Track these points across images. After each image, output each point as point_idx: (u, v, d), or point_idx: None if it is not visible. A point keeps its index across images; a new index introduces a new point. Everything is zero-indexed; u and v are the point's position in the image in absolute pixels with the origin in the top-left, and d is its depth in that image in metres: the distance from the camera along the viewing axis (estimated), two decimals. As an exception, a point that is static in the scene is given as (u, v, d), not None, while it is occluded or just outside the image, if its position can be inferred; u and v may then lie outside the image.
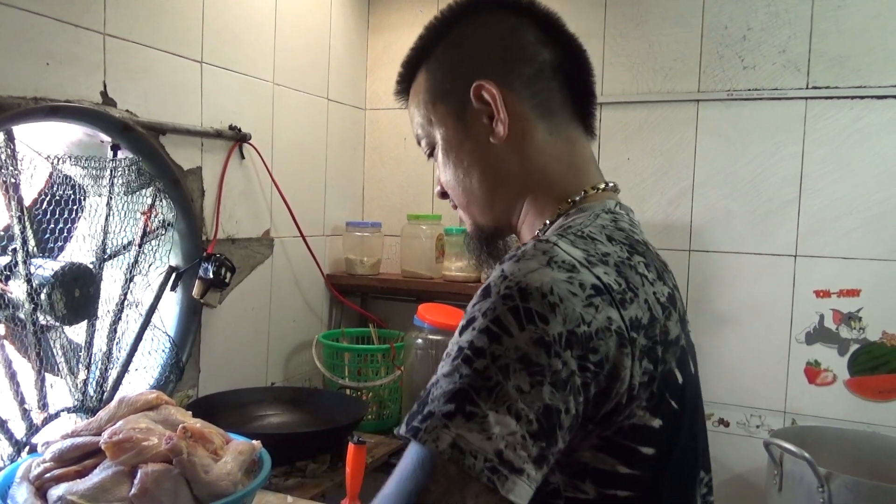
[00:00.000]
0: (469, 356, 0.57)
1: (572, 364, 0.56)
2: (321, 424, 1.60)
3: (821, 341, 1.74)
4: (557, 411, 0.56)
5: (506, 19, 0.79)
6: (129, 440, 0.98)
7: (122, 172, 1.38)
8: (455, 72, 0.79)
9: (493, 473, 0.53)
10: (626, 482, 0.62)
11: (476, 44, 0.79)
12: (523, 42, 0.78)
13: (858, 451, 1.61)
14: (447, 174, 0.82)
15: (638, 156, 1.91)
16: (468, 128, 0.78)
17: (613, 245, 0.67)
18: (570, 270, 0.60)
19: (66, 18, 1.22)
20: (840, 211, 1.70)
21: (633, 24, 1.89)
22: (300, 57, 1.91)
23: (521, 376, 0.55)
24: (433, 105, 0.81)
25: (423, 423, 0.55)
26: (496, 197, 0.80)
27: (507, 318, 0.57)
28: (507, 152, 0.77)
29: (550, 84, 0.78)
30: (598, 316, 0.59)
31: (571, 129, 0.80)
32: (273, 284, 1.85)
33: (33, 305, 1.19)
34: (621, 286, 0.62)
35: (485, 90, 0.75)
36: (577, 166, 0.79)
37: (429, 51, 0.82)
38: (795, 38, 1.73)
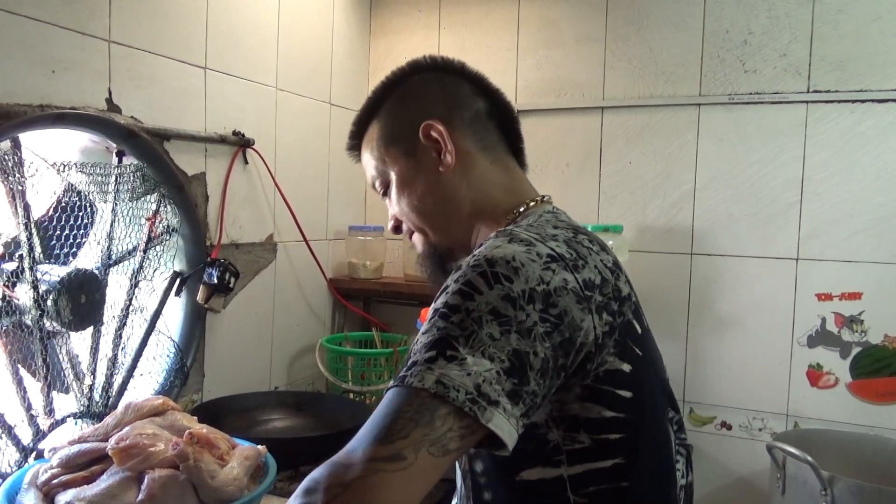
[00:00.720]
0: (445, 313, 0.66)
1: (534, 316, 0.66)
2: (325, 429, 1.61)
3: (823, 344, 1.74)
4: (526, 353, 0.64)
5: (443, 76, 0.94)
6: (135, 446, 0.99)
7: (127, 179, 1.39)
8: (404, 117, 0.91)
9: (474, 404, 0.60)
10: (614, 425, 0.72)
11: (420, 94, 0.92)
12: (460, 93, 0.92)
13: (861, 455, 1.62)
14: (402, 205, 0.92)
15: (639, 160, 1.91)
16: (419, 163, 0.89)
17: (559, 229, 0.79)
18: (528, 244, 0.72)
19: (71, 26, 1.23)
20: (841, 214, 1.71)
21: (634, 28, 1.90)
22: (303, 62, 1.92)
23: (493, 326, 0.64)
24: (386, 148, 0.92)
25: (409, 370, 0.63)
26: (450, 218, 0.90)
27: (477, 280, 0.67)
28: (456, 179, 0.89)
29: (487, 125, 0.92)
30: (554, 277, 0.69)
31: (508, 160, 0.94)
32: (276, 289, 1.85)
33: (40, 311, 1.20)
34: (572, 255, 0.74)
35: (432, 128, 0.88)
36: (516, 188, 0.91)
37: (377, 108, 0.95)
38: (796, 42, 1.73)
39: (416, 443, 0.59)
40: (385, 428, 0.60)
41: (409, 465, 0.58)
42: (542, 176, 2.02)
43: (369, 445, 0.59)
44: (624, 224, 1.89)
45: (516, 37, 2.05)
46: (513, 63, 2.05)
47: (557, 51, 1.99)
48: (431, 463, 0.59)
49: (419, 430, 0.59)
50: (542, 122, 2.02)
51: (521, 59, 2.04)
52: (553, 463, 0.72)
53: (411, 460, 0.58)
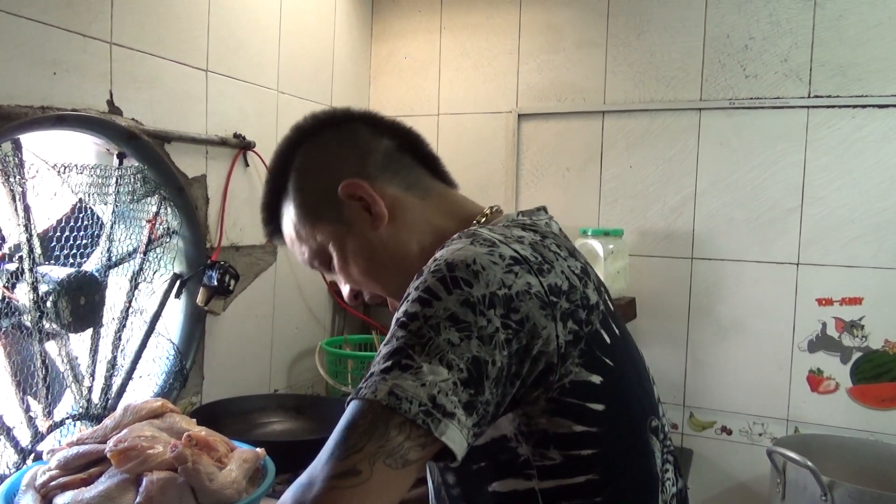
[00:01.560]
0: (404, 321, 0.64)
1: (496, 321, 0.63)
2: (324, 432, 1.59)
3: (823, 349, 1.74)
4: (485, 362, 0.62)
5: (335, 130, 0.87)
6: (134, 448, 0.98)
7: (128, 180, 1.39)
8: (316, 188, 0.85)
9: (427, 416, 0.58)
10: (586, 440, 0.68)
11: (322, 157, 0.86)
12: (361, 139, 0.86)
13: (861, 460, 1.61)
14: (353, 275, 0.86)
15: (640, 164, 1.91)
16: (352, 227, 0.83)
17: (526, 232, 0.76)
18: (490, 246, 0.69)
19: (73, 28, 1.23)
20: (842, 219, 1.71)
21: (635, 33, 1.90)
22: (304, 65, 1.92)
23: (451, 332, 0.62)
24: (312, 226, 0.85)
25: (365, 382, 0.62)
26: (404, 269, 0.82)
27: (436, 286, 0.64)
28: (395, 229, 0.83)
29: (402, 162, 0.87)
30: (517, 281, 0.66)
31: (437, 187, 0.88)
32: (276, 291, 1.85)
33: (39, 313, 1.19)
34: (537, 259, 0.70)
35: (353, 186, 0.82)
36: (458, 211, 0.87)
37: (282, 188, 0.87)
38: (797, 48, 1.74)
39: (371, 455, 0.57)
40: (340, 444, 0.59)
41: (364, 479, 0.57)
42: (543, 180, 2.02)
43: (326, 463, 0.59)
44: (624, 228, 1.89)
45: (517, 41, 2.05)
46: (514, 67, 2.05)
47: (558, 55, 2.00)
48: (389, 475, 0.58)
49: (373, 443, 0.58)
50: (542, 126, 2.02)
51: (522, 63, 2.05)
52: (524, 476, 0.70)
53: (366, 474, 0.57)
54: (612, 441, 0.70)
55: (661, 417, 0.80)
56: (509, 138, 2.04)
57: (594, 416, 0.68)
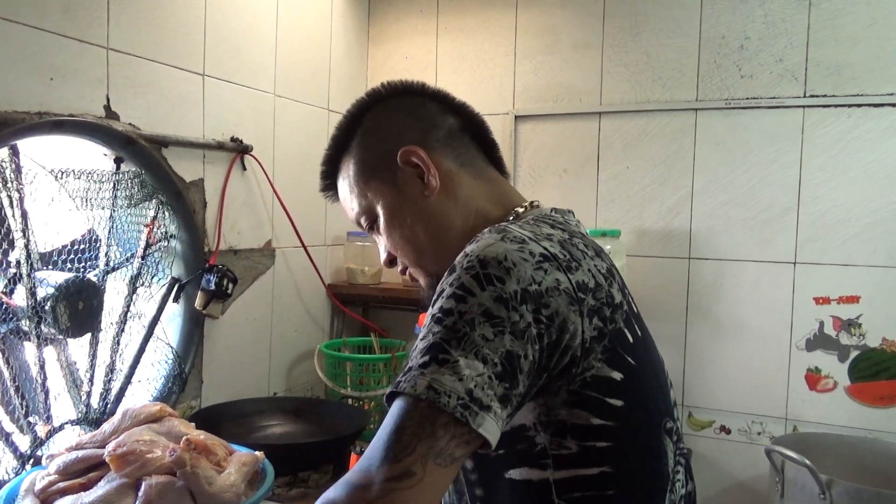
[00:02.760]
0: (440, 317, 0.66)
1: (528, 316, 0.66)
2: (324, 434, 1.61)
3: (821, 348, 1.75)
4: (518, 356, 0.64)
5: (407, 100, 0.92)
6: (132, 452, 0.99)
7: (125, 185, 1.39)
8: (378, 148, 0.89)
9: (465, 409, 0.61)
10: (602, 433, 0.71)
11: (389, 122, 0.90)
12: (429, 113, 0.91)
13: (860, 458, 1.61)
14: (394, 237, 0.90)
15: (637, 164, 1.92)
16: (403, 191, 0.87)
17: (555, 230, 0.78)
18: (521, 242, 0.71)
19: (69, 33, 1.24)
20: (839, 218, 1.71)
21: (631, 34, 1.90)
22: (301, 68, 1.92)
23: (486, 327, 0.64)
24: (366, 182, 0.90)
25: (404, 377, 0.64)
26: (444, 243, 0.87)
27: (469, 283, 0.67)
28: (443, 201, 0.87)
29: (462, 141, 0.91)
30: (546, 277, 0.69)
31: (490, 172, 0.92)
32: (275, 295, 1.85)
33: (37, 318, 1.20)
34: (566, 256, 0.73)
35: (411, 153, 0.86)
36: (503, 198, 0.90)
37: (346, 144, 0.92)
38: (792, 48, 1.74)
39: (423, 457, 0.60)
40: (392, 446, 0.61)
41: (419, 479, 0.60)
42: (540, 181, 2.03)
43: (381, 465, 0.61)
44: (622, 229, 1.89)
45: (514, 43, 2.06)
46: (510, 69, 2.06)
47: (555, 57, 2.00)
48: (440, 473, 0.61)
49: (423, 444, 0.61)
50: (539, 127, 2.03)
51: (518, 64, 2.05)
52: (540, 465, 0.72)
53: (420, 475, 0.60)
54: (627, 436, 0.72)
55: (675, 420, 0.81)
56: (506, 140, 2.04)
57: (612, 410, 0.71)
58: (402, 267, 0.94)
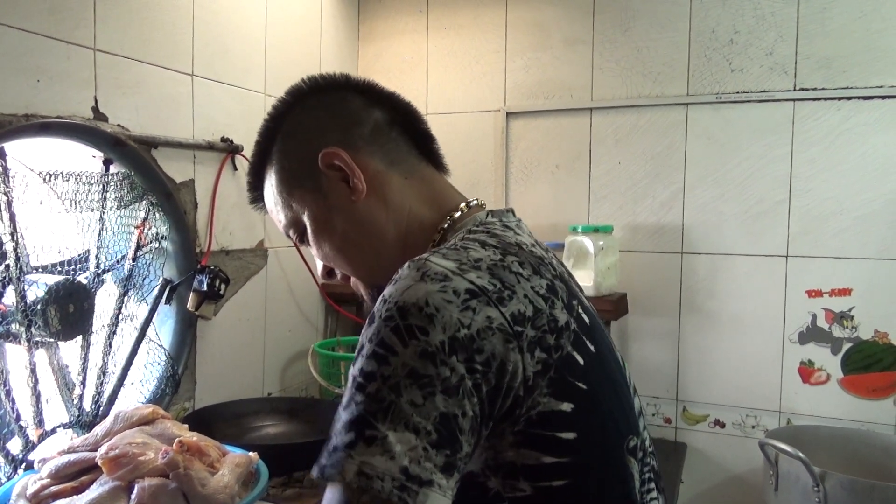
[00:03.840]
0: (361, 383, 0.59)
1: (460, 368, 0.58)
2: (318, 434, 1.60)
3: (814, 341, 1.75)
4: (454, 416, 0.58)
5: (328, 96, 0.84)
6: (125, 455, 0.98)
7: (115, 187, 1.38)
8: (299, 153, 0.82)
9: (403, 491, 0.54)
10: (556, 471, 0.64)
11: (309, 123, 0.82)
12: (352, 109, 0.83)
13: (853, 450, 1.62)
14: (324, 249, 0.84)
15: (629, 160, 1.92)
16: (328, 198, 0.81)
17: (486, 250, 0.69)
18: (442, 280, 0.62)
19: (56, 35, 1.23)
20: (830, 211, 1.72)
21: (621, 30, 1.90)
22: (291, 67, 1.92)
23: (413, 391, 0.57)
24: (289, 192, 0.83)
25: (329, 459, 0.57)
26: (378, 252, 0.81)
27: (390, 339, 0.59)
28: (372, 206, 0.80)
29: (390, 136, 0.83)
30: (476, 317, 0.61)
31: (423, 169, 0.85)
32: (268, 295, 1.85)
33: (28, 321, 1.19)
34: (496, 286, 0.64)
35: (333, 156, 0.79)
36: (437, 199, 0.83)
37: (267, 151, 0.85)
38: (782, 41, 1.74)
39: None
40: None
41: None
42: (532, 178, 2.03)
43: None
44: (614, 224, 1.90)
45: (504, 39, 2.05)
46: (501, 66, 2.06)
47: (545, 53, 2.00)
48: None
49: None
50: (531, 124, 2.02)
51: (509, 61, 2.05)
52: None
53: None
54: (584, 470, 0.66)
55: (641, 433, 0.76)
56: (498, 137, 2.04)
57: (565, 445, 0.64)
58: (343, 277, 0.88)
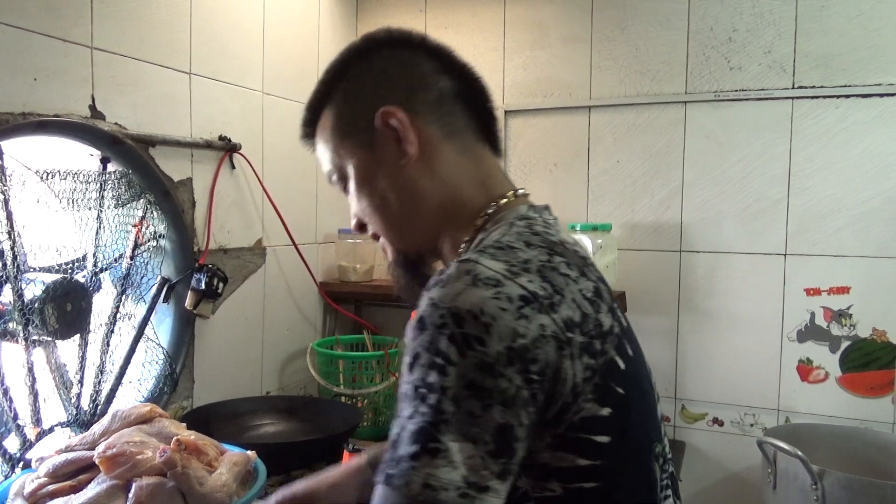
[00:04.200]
0: (423, 393, 0.59)
1: (517, 379, 0.59)
2: (316, 433, 1.60)
3: (812, 339, 1.75)
4: (510, 427, 0.59)
5: (401, 53, 0.83)
6: (123, 454, 0.98)
7: (112, 185, 1.38)
8: (359, 104, 0.81)
9: (464, 498, 0.56)
10: (588, 473, 0.65)
11: (376, 76, 0.81)
12: (421, 72, 0.81)
13: (852, 448, 1.62)
14: (363, 203, 0.83)
15: (627, 158, 1.92)
16: (378, 154, 0.79)
17: (532, 250, 0.69)
18: (495, 286, 0.62)
19: (53, 33, 1.23)
20: (828, 209, 1.72)
21: (619, 28, 1.90)
22: (289, 66, 1.91)
23: (472, 402, 0.58)
24: (341, 139, 0.82)
25: (395, 468, 0.58)
26: (414, 218, 0.81)
27: (447, 348, 0.59)
28: (420, 172, 0.79)
29: (453, 108, 0.81)
30: (530, 326, 0.61)
31: (478, 148, 0.83)
32: (266, 293, 1.85)
33: (25, 320, 1.19)
34: (547, 291, 0.64)
35: (391, 115, 0.77)
36: (486, 182, 0.82)
37: (330, 92, 0.84)
38: (780, 39, 1.74)
39: None
40: None
41: None
42: (531, 176, 2.02)
43: None
44: (613, 222, 1.89)
45: (503, 38, 2.05)
46: (500, 64, 2.05)
47: (544, 51, 2.00)
48: None
49: None
50: (529, 122, 2.02)
51: (507, 59, 2.05)
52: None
53: None
54: (616, 474, 0.67)
55: (663, 438, 0.77)
56: (496, 135, 2.04)
57: (599, 449, 0.65)
58: (372, 233, 0.87)
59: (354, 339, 2.05)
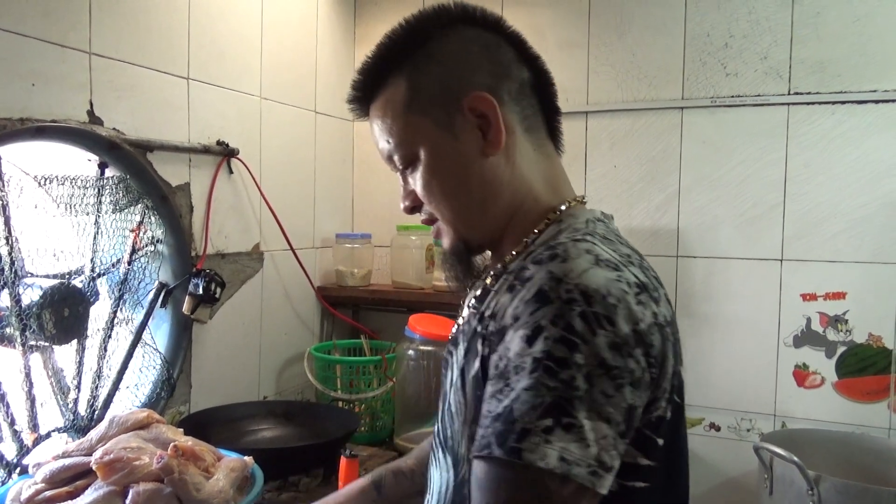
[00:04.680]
0: (551, 367, 0.57)
1: (642, 361, 0.60)
2: (314, 438, 1.60)
3: (808, 344, 1.76)
4: (636, 408, 0.60)
5: (484, 34, 0.78)
6: (120, 460, 0.98)
7: (110, 191, 1.38)
8: (441, 82, 0.76)
9: (594, 476, 0.56)
10: (645, 473, 0.65)
11: (461, 56, 0.76)
12: (506, 59, 0.78)
13: (848, 453, 1.62)
14: (431, 188, 0.78)
15: (624, 163, 1.92)
16: (458, 140, 0.75)
17: (625, 248, 0.71)
18: (616, 269, 0.63)
19: (51, 38, 1.23)
20: (824, 214, 1.72)
21: (616, 34, 1.91)
22: (287, 71, 1.92)
23: (605, 381, 0.58)
24: (417, 116, 0.76)
25: (522, 441, 0.56)
26: (488, 209, 0.77)
27: (578, 325, 0.58)
28: (499, 165, 0.76)
29: (532, 101, 0.79)
30: (646, 312, 0.62)
31: (548, 146, 0.82)
32: (264, 298, 1.85)
33: (22, 325, 1.19)
34: (652, 284, 0.66)
35: (483, 101, 0.74)
36: (556, 182, 0.81)
37: (400, 59, 0.78)
38: (776, 45, 1.75)
39: None
40: None
41: None
42: (528, 181, 2.03)
43: None
44: (610, 228, 1.90)
45: (500, 43, 2.05)
46: (497, 69, 2.06)
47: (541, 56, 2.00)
48: None
49: None
50: (527, 127, 2.02)
51: (505, 64, 2.05)
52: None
53: None
54: (665, 476, 0.68)
55: None
56: (494, 140, 2.04)
57: (658, 450, 0.66)
58: (427, 218, 0.83)
59: (352, 343, 2.06)
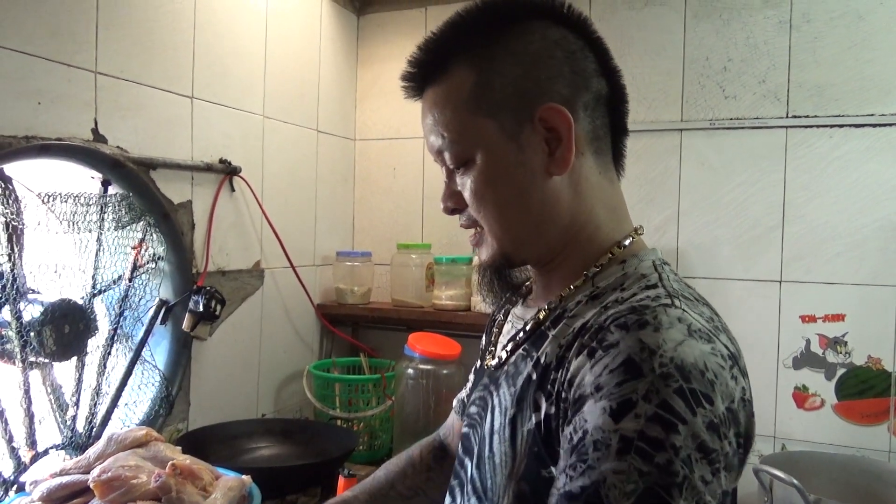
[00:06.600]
0: (645, 449, 0.53)
1: (734, 442, 0.56)
2: (312, 457, 1.60)
3: (808, 366, 1.76)
4: (727, 495, 0.56)
5: (569, 37, 0.71)
6: (117, 478, 0.98)
7: (113, 208, 1.39)
8: (516, 84, 0.68)
9: None
10: None
11: (544, 59, 0.69)
12: (587, 68, 0.71)
13: (848, 476, 1.62)
14: (484, 197, 0.71)
15: (623, 184, 1.90)
16: (522, 151, 0.69)
17: (703, 306, 0.65)
18: (709, 340, 0.58)
19: (57, 58, 1.24)
20: (823, 237, 1.73)
21: (616, 56, 1.91)
22: (290, 90, 1.94)
23: (703, 466, 0.53)
24: (479, 115, 0.69)
25: None
26: (542, 233, 0.71)
27: (676, 403, 0.53)
28: (562, 186, 0.70)
29: (604, 120, 0.73)
30: (737, 388, 0.58)
31: (611, 169, 0.75)
32: (263, 315, 1.85)
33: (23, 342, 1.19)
34: (737, 350, 0.62)
35: (559, 115, 0.67)
36: (618, 211, 0.75)
37: (472, 47, 0.70)
38: (774, 69, 1.77)
39: None
40: None
41: None
42: (528, 201, 2.04)
43: None
44: (609, 248, 1.90)
45: (501, 64, 2.07)
46: (498, 90, 2.07)
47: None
48: None
49: None
50: (527, 147, 2.04)
51: (506, 85, 2.06)
52: None
53: None
54: None
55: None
56: (494, 160, 2.06)
57: None
58: (468, 223, 0.76)
59: (351, 361, 2.05)
